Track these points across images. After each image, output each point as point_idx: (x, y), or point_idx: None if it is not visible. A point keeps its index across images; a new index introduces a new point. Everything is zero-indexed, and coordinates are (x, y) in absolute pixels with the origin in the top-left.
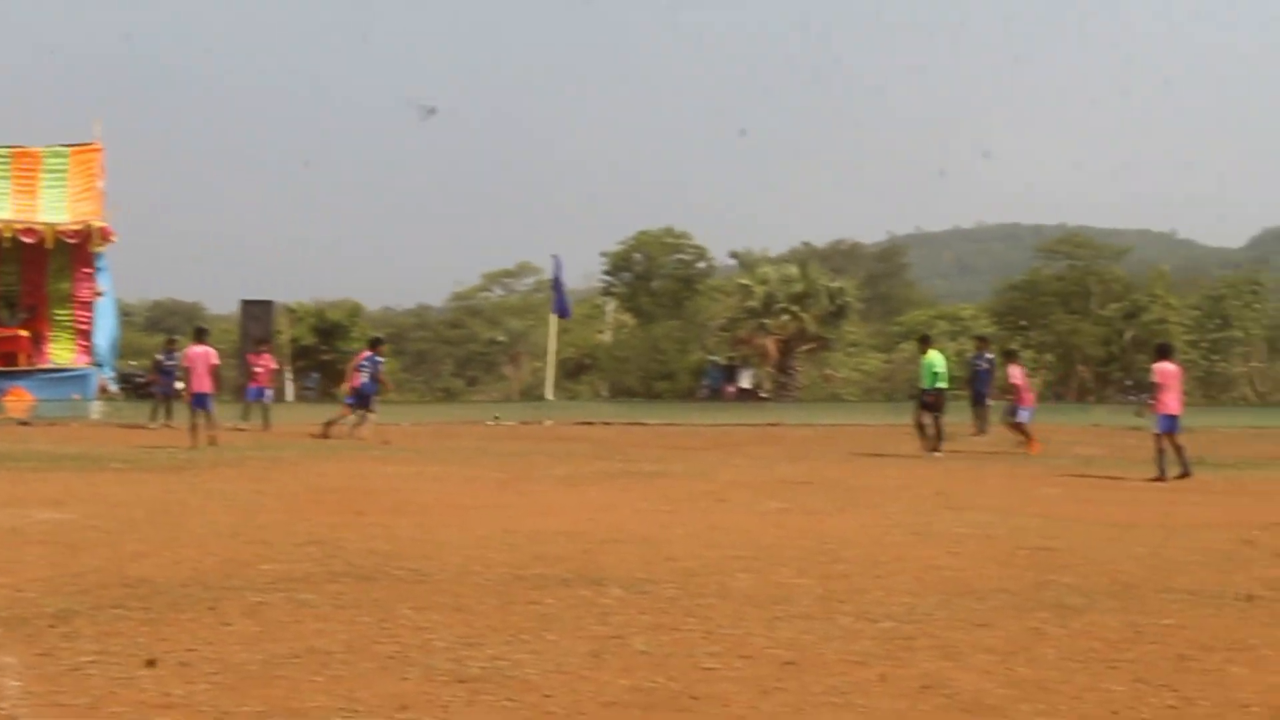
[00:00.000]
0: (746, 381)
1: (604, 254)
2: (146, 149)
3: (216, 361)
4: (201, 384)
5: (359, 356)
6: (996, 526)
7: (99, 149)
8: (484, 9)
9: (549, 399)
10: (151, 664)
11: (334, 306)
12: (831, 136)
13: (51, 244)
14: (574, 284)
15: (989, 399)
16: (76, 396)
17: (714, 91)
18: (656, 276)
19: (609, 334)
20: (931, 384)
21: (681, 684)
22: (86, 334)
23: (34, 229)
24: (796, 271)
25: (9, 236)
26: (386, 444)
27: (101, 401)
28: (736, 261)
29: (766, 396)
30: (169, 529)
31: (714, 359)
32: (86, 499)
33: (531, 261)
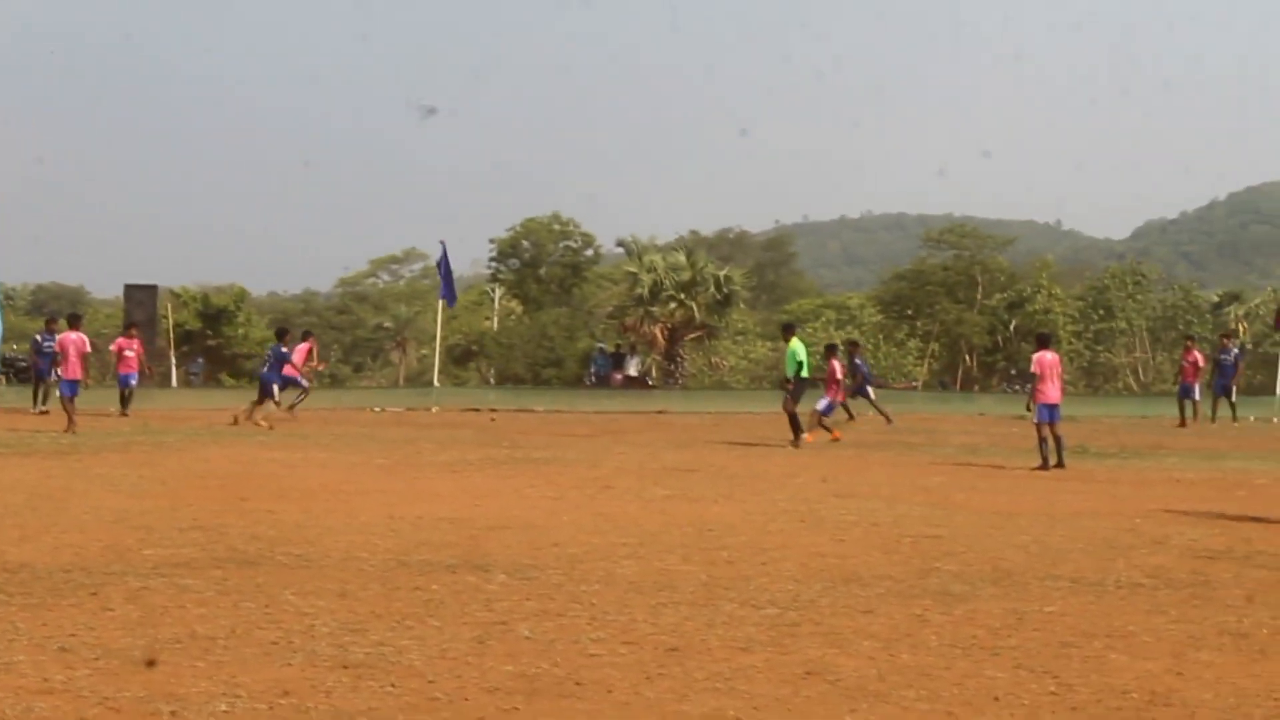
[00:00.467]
0: (634, 369)
1: (491, 241)
2: (32, 131)
3: (88, 349)
4: (72, 371)
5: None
6: (882, 514)
7: None
8: None
9: (436, 385)
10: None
11: (219, 291)
12: (719, 126)
13: None
14: (461, 271)
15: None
16: None
17: (600, 79)
18: (544, 264)
19: (496, 321)
20: (794, 373)
21: (566, 670)
22: None
23: None
24: (684, 259)
25: None
26: (270, 429)
27: None
28: (624, 249)
29: (654, 384)
30: (50, 514)
31: (601, 346)
32: None
33: (418, 248)
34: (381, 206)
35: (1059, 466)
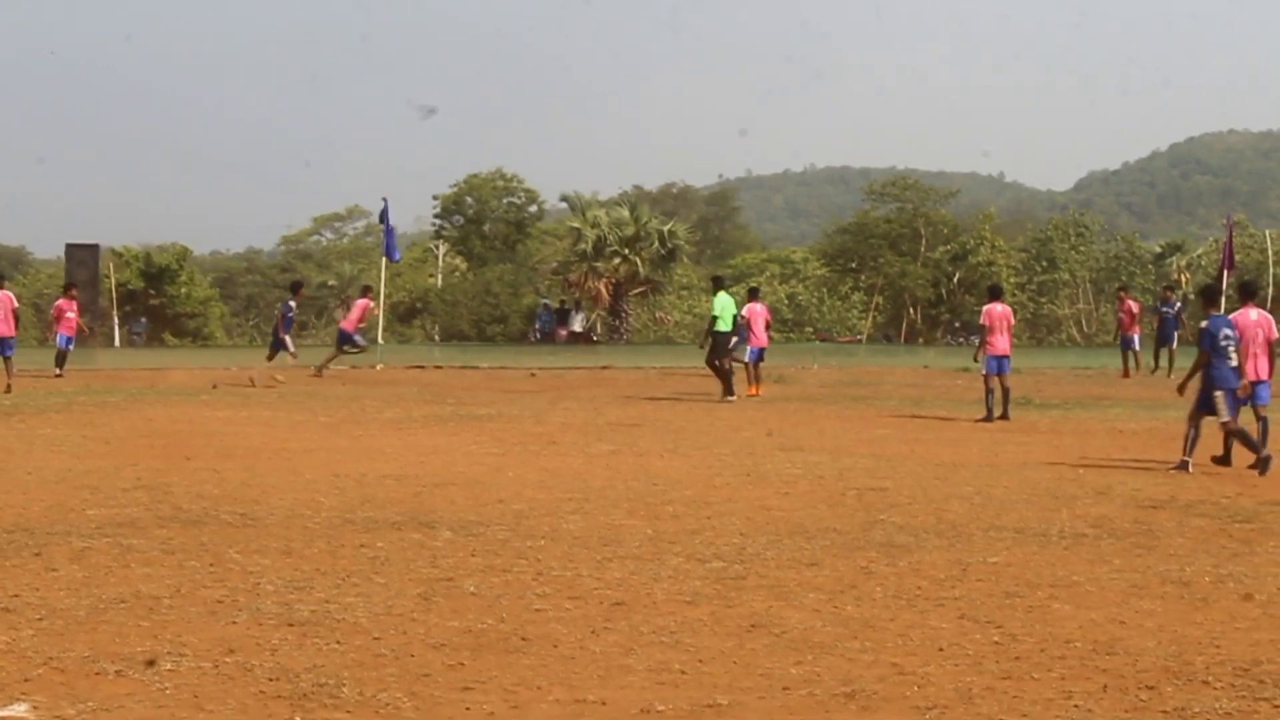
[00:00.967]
0: (578, 325)
1: (435, 197)
2: None
3: (15, 305)
4: (2, 329)
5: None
6: (827, 467)
7: None
8: None
9: (380, 343)
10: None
11: (161, 250)
12: (662, 79)
13: None
14: (405, 228)
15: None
16: None
17: (541, 33)
18: (487, 220)
19: (440, 278)
20: (724, 327)
21: (512, 625)
22: None
23: None
24: (628, 214)
25: None
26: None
27: None
28: (567, 205)
29: (598, 339)
30: None
31: (546, 302)
32: None
33: (361, 205)
34: (324, 163)
35: (1003, 418)
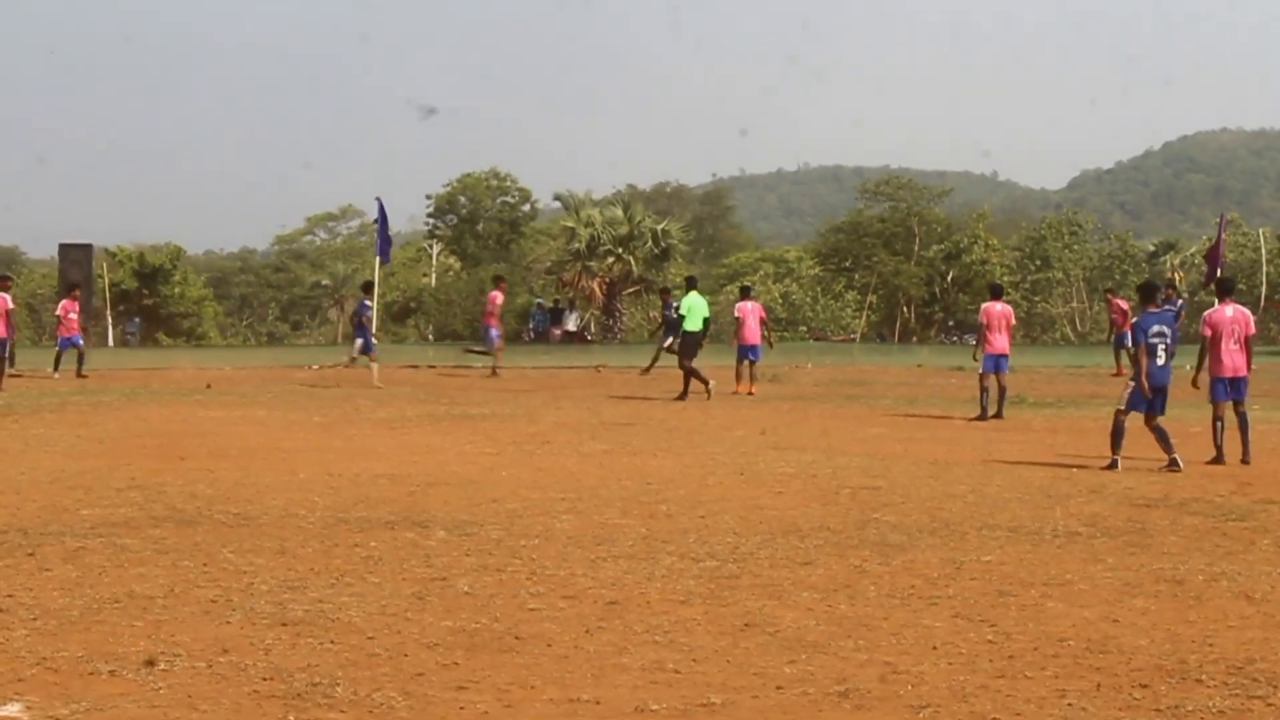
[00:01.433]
0: (572, 324)
1: (428, 197)
2: None
3: (10, 307)
4: None
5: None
6: (820, 466)
7: None
8: None
9: (374, 342)
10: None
11: (155, 250)
12: (656, 79)
13: None
14: (399, 227)
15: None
16: None
17: (534, 33)
18: (481, 219)
19: (434, 277)
20: (692, 326)
21: (505, 624)
22: None
23: None
24: (621, 214)
25: None
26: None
27: None
28: (561, 204)
29: (592, 339)
30: None
31: (539, 302)
32: None
33: (355, 204)
34: (318, 163)
35: (997, 417)
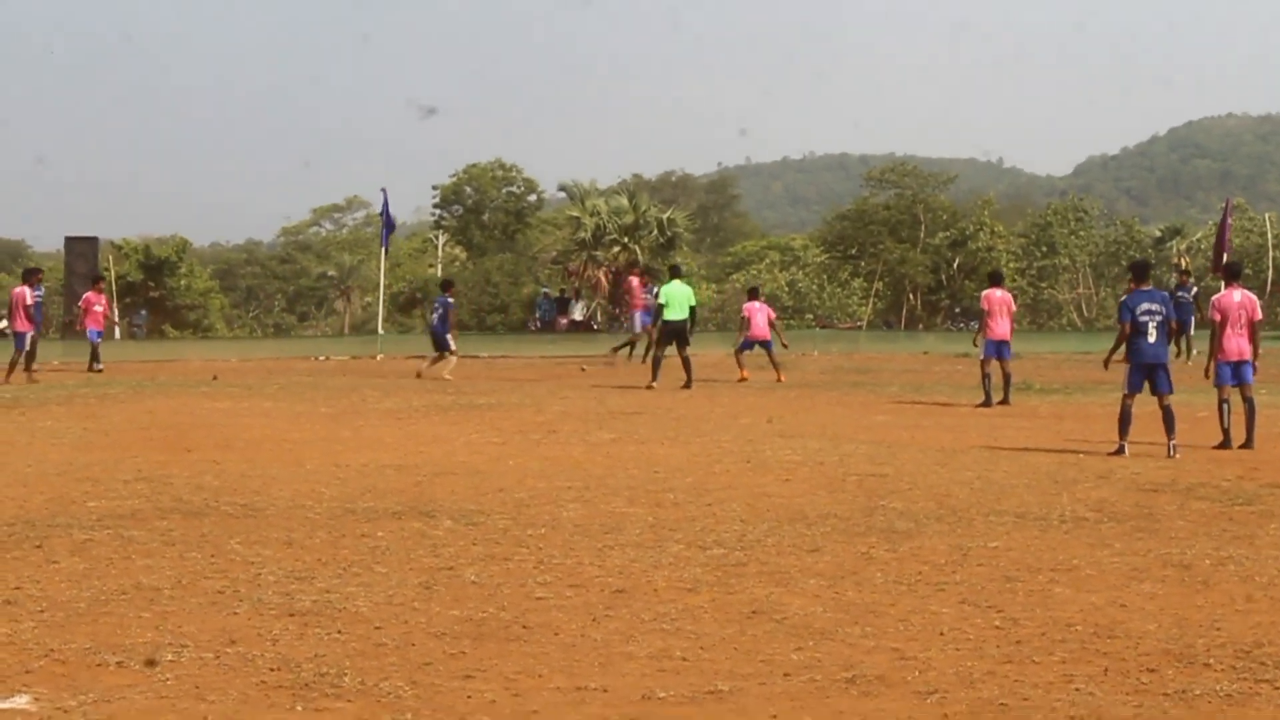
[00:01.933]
0: (578, 313)
1: (434, 187)
2: None
3: (29, 302)
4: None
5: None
6: (827, 453)
7: None
8: None
9: (380, 333)
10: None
11: (161, 242)
12: (660, 67)
13: None
14: (404, 218)
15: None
16: None
17: (538, 23)
18: (487, 209)
19: (440, 268)
20: (672, 315)
21: (513, 613)
22: None
23: None
24: (626, 203)
25: None
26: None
27: None
28: (566, 194)
29: (598, 328)
30: None
31: (546, 291)
32: None
33: (361, 196)
34: (324, 155)
35: (1004, 403)
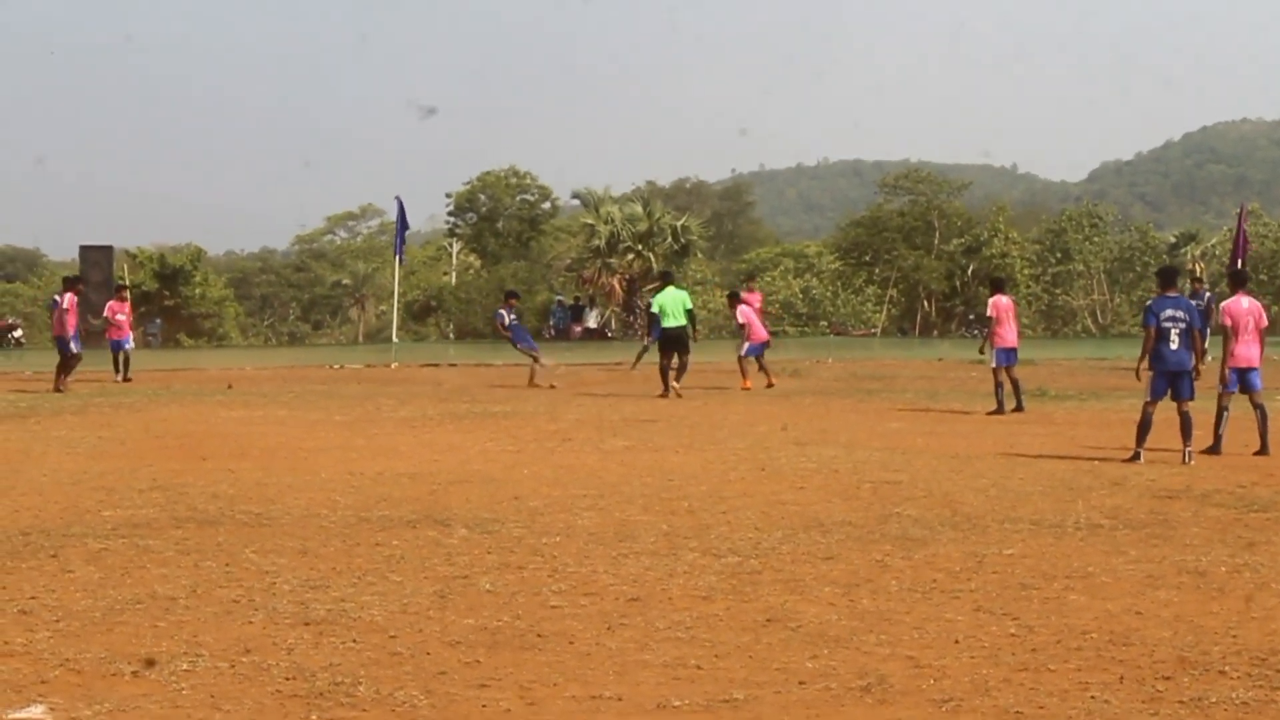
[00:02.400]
0: (593, 321)
1: (448, 195)
2: None
3: (63, 306)
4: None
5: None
6: (841, 461)
7: None
8: None
9: (395, 341)
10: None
11: (176, 251)
12: (674, 73)
13: None
14: (418, 225)
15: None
16: None
17: (551, 30)
18: (501, 217)
19: (454, 275)
20: (670, 323)
21: (527, 622)
22: None
23: None
24: (640, 210)
25: None
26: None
27: None
28: (580, 201)
29: (613, 335)
30: (9, 476)
31: (560, 299)
32: None
33: (375, 204)
34: (338, 163)
35: (1018, 410)
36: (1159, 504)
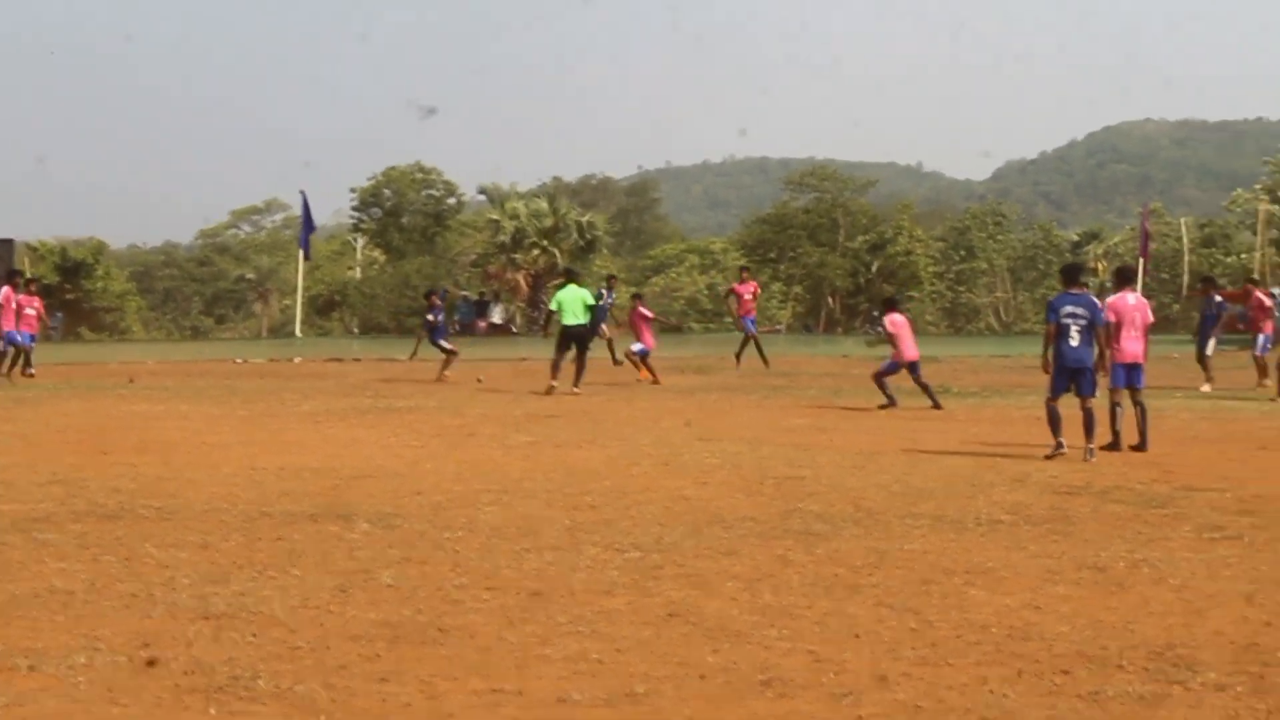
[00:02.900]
0: (498, 316)
1: (353, 190)
2: None
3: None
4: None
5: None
6: (745, 456)
7: None
8: None
9: (298, 336)
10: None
11: (78, 244)
12: (580, 69)
13: None
14: (323, 220)
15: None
16: None
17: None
18: (406, 212)
19: (359, 270)
20: (569, 320)
21: (429, 616)
22: None
23: None
24: (546, 206)
25: None
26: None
27: None
28: (486, 197)
29: (517, 331)
30: None
31: (465, 294)
32: None
33: (280, 198)
34: (242, 157)
35: (936, 408)
36: (1059, 500)
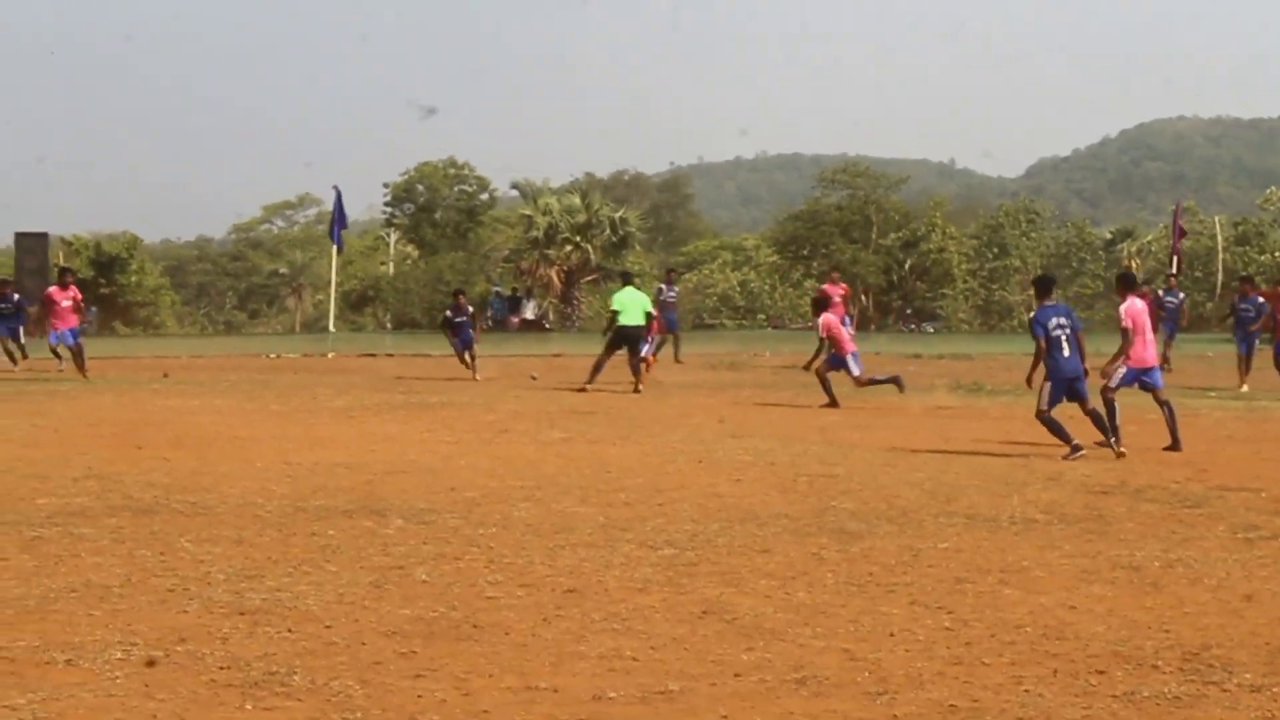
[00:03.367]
0: (530, 312)
1: (386, 185)
2: None
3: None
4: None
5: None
6: (778, 454)
7: None
8: None
9: (332, 331)
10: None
11: (112, 239)
12: (613, 65)
13: None
14: (356, 215)
15: None
16: None
17: (488, 20)
18: (439, 208)
19: (392, 266)
20: (628, 321)
21: (463, 613)
22: None
23: None
24: (579, 202)
25: None
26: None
27: None
28: (519, 192)
29: (550, 327)
30: None
31: (498, 290)
32: None
33: (313, 193)
34: (275, 151)
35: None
36: (1093, 499)
